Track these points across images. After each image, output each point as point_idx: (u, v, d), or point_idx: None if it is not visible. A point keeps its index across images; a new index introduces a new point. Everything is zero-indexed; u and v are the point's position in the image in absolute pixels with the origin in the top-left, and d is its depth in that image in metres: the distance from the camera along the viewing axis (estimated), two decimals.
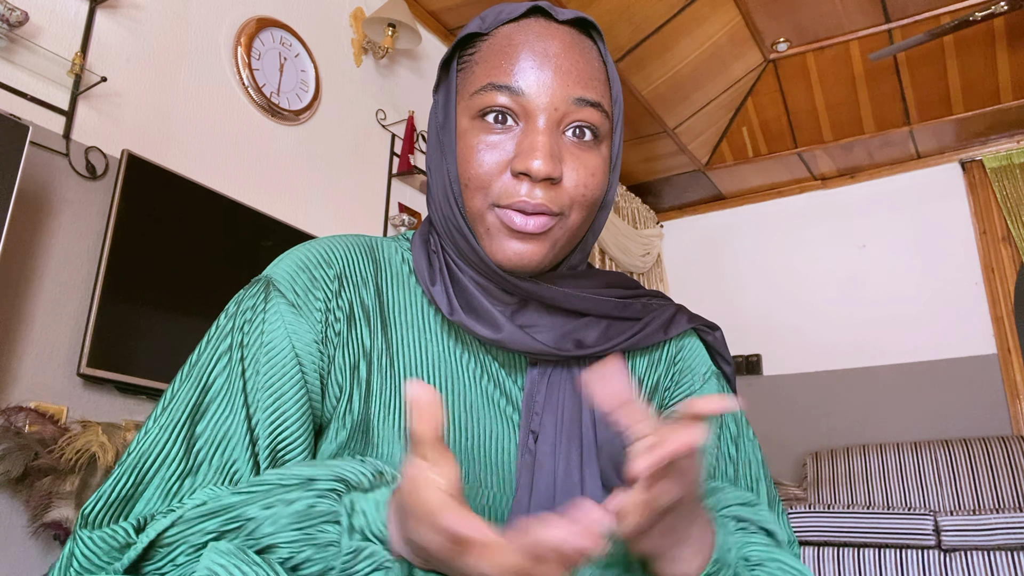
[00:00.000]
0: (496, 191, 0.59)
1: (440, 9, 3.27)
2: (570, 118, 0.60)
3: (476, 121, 0.61)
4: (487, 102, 0.60)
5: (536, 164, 0.57)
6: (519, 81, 0.59)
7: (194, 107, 2.33)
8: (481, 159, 0.59)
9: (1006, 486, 3.34)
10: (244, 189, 2.42)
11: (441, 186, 0.63)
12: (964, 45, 3.60)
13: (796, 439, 4.27)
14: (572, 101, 0.60)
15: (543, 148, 0.58)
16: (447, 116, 0.63)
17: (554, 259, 0.62)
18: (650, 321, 0.67)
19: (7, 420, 1.65)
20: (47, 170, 1.92)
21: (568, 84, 0.60)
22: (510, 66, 0.60)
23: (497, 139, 0.60)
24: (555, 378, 0.64)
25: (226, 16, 2.49)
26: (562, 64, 0.60)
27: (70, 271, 1.93)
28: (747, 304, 4.67)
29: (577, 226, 0.62)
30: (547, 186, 0.59)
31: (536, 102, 0.59)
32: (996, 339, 3.97)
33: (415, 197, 3.18)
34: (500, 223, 0.60)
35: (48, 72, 1.93)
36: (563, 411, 0.62)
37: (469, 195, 0.60)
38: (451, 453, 0.45)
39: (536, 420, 0.62)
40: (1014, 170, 4.12)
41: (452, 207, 0.62)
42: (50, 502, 1.60)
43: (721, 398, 0.45)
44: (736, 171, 4.59)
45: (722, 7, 3.37)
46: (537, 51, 0.60)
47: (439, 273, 0.64)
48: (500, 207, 0.59)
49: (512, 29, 0.62)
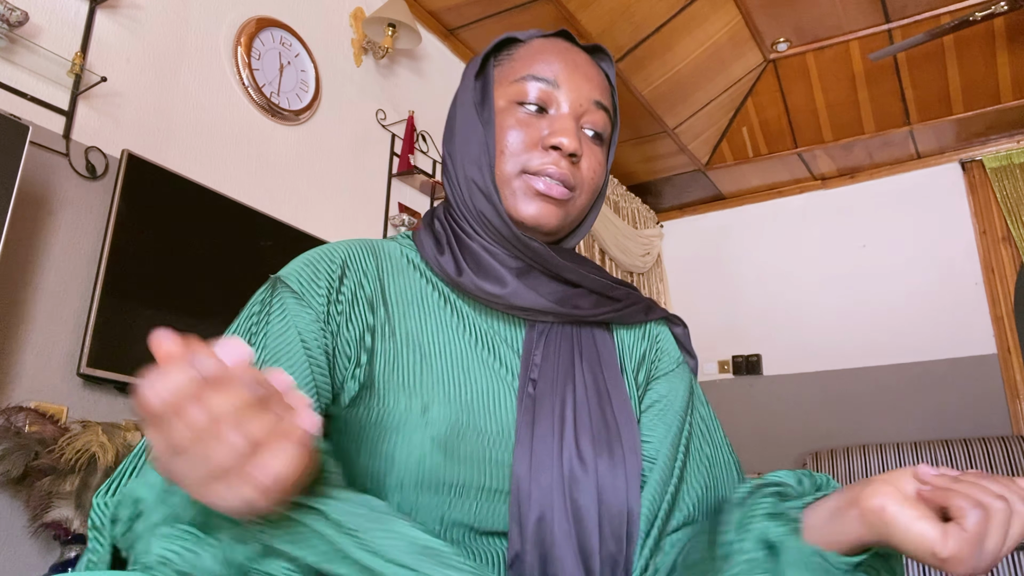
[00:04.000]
0: (526, 160, 0.70)
1: (440, 9, 3.27)
2: (588, 116, 0.73)
3: (514, 104, 0.72)
4: (525, 89, 0.72)
5: (566, 140, 0.69)
6: (556, 76, 0.72)
7: (194, 107, 2.33)
8: (519, 132, 0.71)
9: None
10: (244, 189, 2.42)
11: (472, 155, 0.72)
12: (964, 45, 3.60)
13: (796, 439, 4.27)
14: (592, 102, 0.73)
15: (572, 130, 0.70)
16: (487, 97, 0.74)
17: (563, 229, 0.74)
18: (632, 303, 0.76)
19: (7, 420, 1.65)
20: (47, 170, 1.92)
21: (591, 88, 0.73)
22: (548, 65, 0.73)
23: (531, 120, 0.72)
24: (551, 337, 0.71)
25: (226, 16, 2.49)
26: (587, 72, 0.74)
27: (70, 271, 1.93)
28: (747, 304, 4.67)
29: (582, 207, 0.74)
30: (570, 162, 0.71)
31: (567, 95, 0.72)
32: (996, 339, 3.97)
33: (415, 197, 3.18)
34: (527, 186, 0.70)
35: (48, 72, 1.93)
36: (559, 362, 0.69)
37: (503, 161, 0.71)
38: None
39: (535, 370, 0.68)
40: (1014, 170, 4.12)
41: (483, 171, 0.71)
42: (50, 502, 1.60)
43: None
44: (736, 171, 4.59)
45: (722, 7, 3.37)
46: (568, 59, 0.73)
47: (446, 244, 0.72)
48: (529, 172, 0.70)
49: (546, 41, 0.76)
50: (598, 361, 0.71)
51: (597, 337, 0.73)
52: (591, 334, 0.73)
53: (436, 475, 0.61)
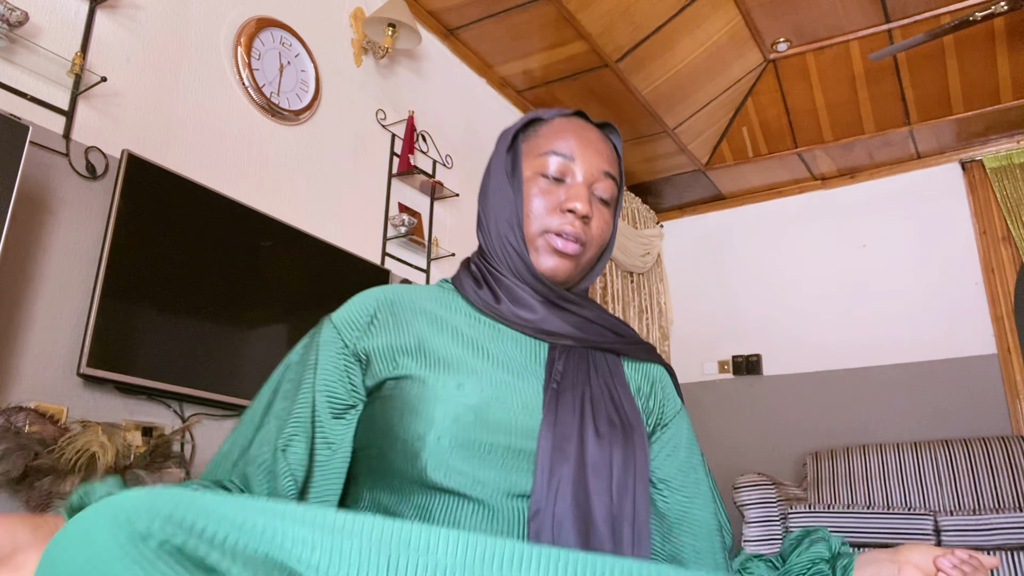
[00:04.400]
0: (548, 221, 0.86)
1: (440, 9, 3.27)
2: (598, 184, 0.88)
3: (538, 175, 0.88)
4: (546, 163, 0.88)
5: (580, 205, 0.85)
6: (570, 152, 0.88)
7: (194, 107, 2.33)
8: (542, 199, 0.87)
9: (1006, 486, 3.34)
10: (244, 189, 2.42)
11: (506, 214, 0.88)
12: (964, 45, 3.60)
13: (796, 439, 4.27)
14: (602, 172, 0.88)
15: (584, 197, 0.86)
16: (516, 167, 0.89)
17: (574, 278, 0.89)
18: (637, 342, 0.92)
19: (7, 420, 1.65)
20: (47, 170, 1.91)
21: (600, 161, 0.89)
22: (565, 142, 0.88)
23: (552, 188, 0.87)
24: (570, 355, 0.86)
25: (226, 16, 2.49)
26: (598, 147, 0.89)
27: (70, 271, 1.93)
28: (747, 304, 4.67)
29: (590, 258, 0.90)
30: (583, 222, 0.86)
31: (581, 167, 0.88)
32: (996, 339, 3.97)
33: (415, 197, 3.18)
34: (547, 244, 0.86)
35: (48, 72, 1.93)
36: (578, 372, 0.84)
37: (529, 222, 0.87)
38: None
39: (558, 374, 0.83)
40: (1014, 170, 4.12)
41: (514, 230, 0.87)
42: (50, 502, 1.60)
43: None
44: (736, 171, 4.59)
45: (722, 7, 3.37)
46: (582, 136, 0.89)
47: (483, 281, 0.89)
48: (550, 232, 0.86)
49: (566, 120, 0.91)
50: (611, 375, 0.86)
51: (609, 359, 0.88)
52: (604, 357, 0.88)
53: (469, 434, 0.74)
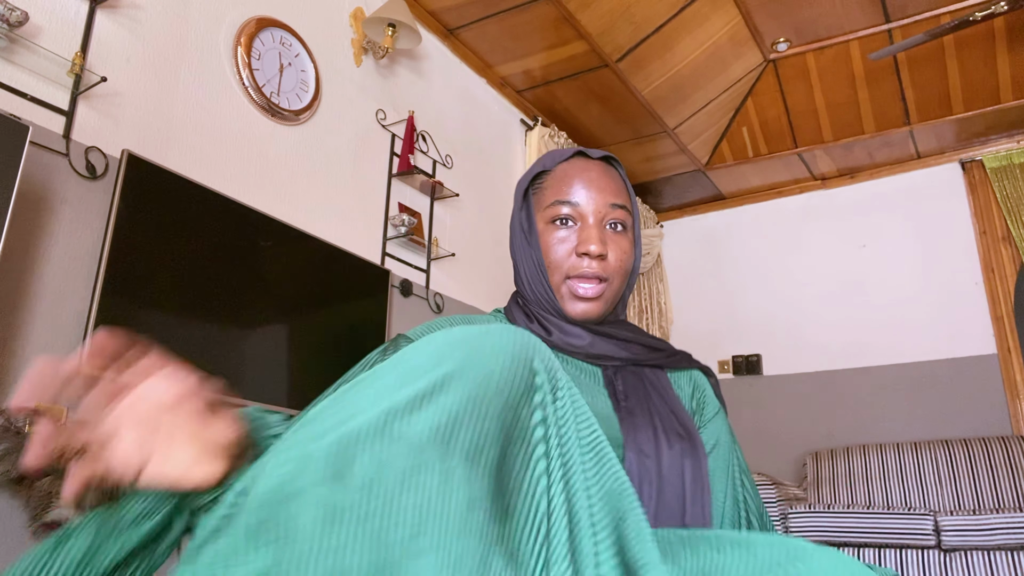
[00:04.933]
0: (567, 268, 0.92)
1: (440, 9, 3.27)
2: (609, 217, 0.93)
3: (550, 225, 0.93)
4: (556, 212, 0.93)
5: (592, 247, 0.90)
6: (575, 197, 0.92)
7: (194, 107, 2.33)
8: (557, 249, 0.92)
9: (1006, 486, 3.34)
10: (244, 189, 2.42)
11: (531, 269, 0.94)
12: (964, 45, 3.60)
13: (796, 439, 4.27)
14: (609, 206, 0.92)
15: (595, 237, 0.90)
16: (531, 223, 0.95)
17: (606, 311, 0.94)
18: (675, 353, 0.97)
19: (7, 420, 1.65)
20: (47, 170, 1.91)
21: (606, 196, 0.93)
22: (568, 188, 0.93)
23: (565, 234, 0.92)
24: (624, 374, 0.91)
25: (226, 16, 2.49)
26: (601, 184, 0.93)
27: (70, 271, 1.93)
28: (747, 304, 4.67)
29: (618, 288, 0.94)
30: (599, 260, 0.91)
31: (587, 209, 0.92)
32: (996, 339, 3.97)
33: (415, 197, 3.18)
34: (570, 292, 0.92)
35: (48, 72, 1.93)
36: (638, 390, 0.89)
37: (551, 272, 0.93)
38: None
39: (621, 392, 0.88)
40: (1014, 170, 4.12)
41: (541, 282, 0.93)
42: (50, 502, 1.60)
43: None
44: (736, 171, 4.59)
45: (722, 7, 3.37)
46: (583, 178, 0.93)
47: (534, 320, 0.95)
48: (570, 278, 0.91)
49: (566, 165, 0.96)
50: (663, 390, 0.91)
51: (658, 375, 0.93)
52: (652, 373, 0.93)
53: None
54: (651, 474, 0.80)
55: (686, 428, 0.86)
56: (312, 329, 2.51)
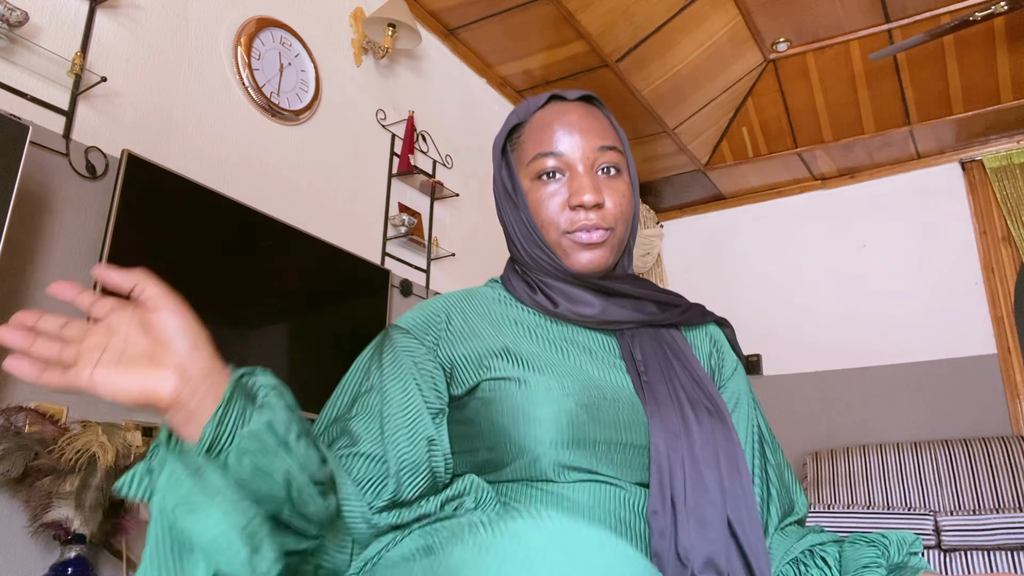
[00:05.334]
0: (563, 224, 0.83)
1: (440, 9, 3.27)
2: (599, 161, 0.83)
3: (536, 181, 0.84)
4: (540, 166, 0.83)
5: (586, 197, 0.81)
6: (558, 146, 0.83)
7: (194, 107, 2.33)
8: (548, 206, 0.83)
9: (1006, 486, 3.34)
10: (244, 189, 2.42)
11: (523, 231, 0.85)
12: (964, 45, 3.60)
13: (796, 439, 4.27)
14: (597, 149, 0.83)
15: (588, 186, 0.81)
16: (515, 183, 0.86)
17: (614, 260, 0.85)
18: (689, 308, 0.88)
19: (7, 420, 1.65)
20: (47, 170, 1.91)
21: (591, 138, 0.83)
22: (549, 137, 0.83)
23: (554, 188, 0.83)
24: (642, 339, 0.84)
25: (226, 16, 2.49)
26: (584, 126, 0.84)
27: (70, 271, 1.93)
28: (747, 304, 4.67)
29: (622, 236, 0.85)
30: (597, 210, 0.82)
31: (573, 157, 0.83)
32: (996, 339, 3.97)
33: (415, 197, 3.18)
34: (572, 243, 0.83)
35: (48, 72, 1.93)
36: (657, 357, 0.82)
37: (546, 231, 0.84)
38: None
39: (640, 362, 0.82)
40: (1014, 170, 4.12)
41: (537, 243, 0.84)
42: (50, 502, 1.60)
43: None
44: (736, 171, 4.59)
45: (722, 7, 3.37)
46: (564, 123, 0.84)
47: (536, 288, 0.86)
48: (569, 233, 0.82)
49: (542, 113, 0.86)
50: (684, 355, 0.84)
51: (675, 336, 0.86)
52: (669, 334, 0.86)
53: (584, 432, 0.73)
54: (682, 456, 0.74)
55: (713, 401, 0.80)
56: (312, 329, 2.51)
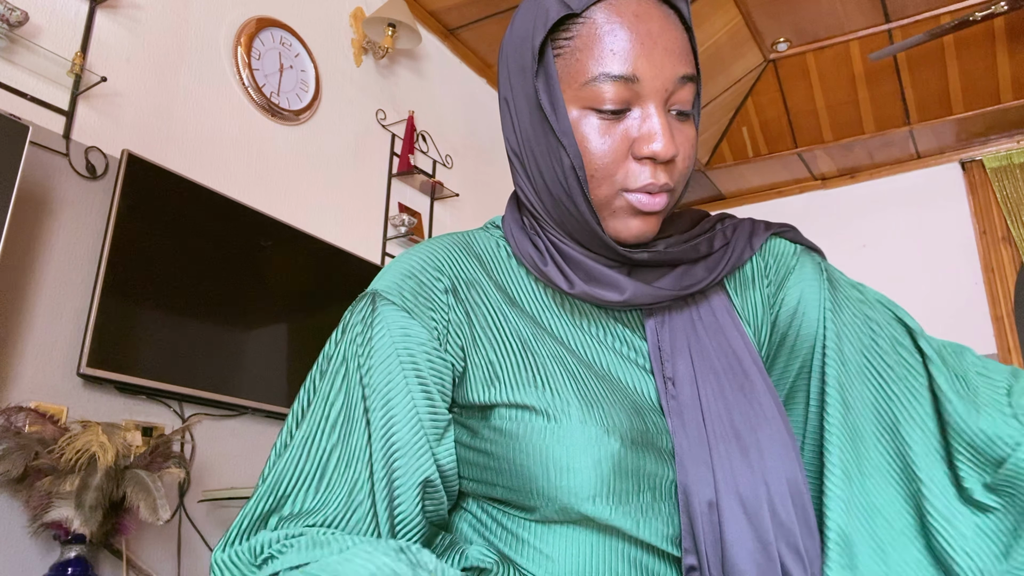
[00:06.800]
0: (622, 177, 0.61)
1: (440, 9, 3.27)
2: (676, 97, 0.61)
3: (590, 112, 0.60)
4: (602, 93, 0.59)
5: (660, 148, 0.59)
6: (633, 69, 0.59)
7: (194, 107, 2.33)
8: (605, 150, 0.60)
9: None
10: (244, 189, 2.42)
11: (557, 173, 0.62)
12: (964, 45, 3.60)
13: None
14: (677, 80, 0.60)
15: (664, 131, 0.59)
16: (554, 101, 0.61)
17: (658, 230, 0.66)
18: (735, 242, 0.69)
19: (7, 420, 1.66)
20: (47, 170, 1.92)
21: (673, 64, 0.60)
22: (620, 53, 0.59)
23: (614, 125, 0.60)
24: (672, 323, 0.66)
25: (226, 16, 2.49)
26: (666, 43, 0.60)
27: (70, 271, 1.93)
28: None
29: (679, 197, 0.65)
30: (666, 167, 0.61)
31: (650, 87, 0.59)
32: (996, 339, 3.97)
33: (415, 197, 3.18)
34: (628, 204, 0.61)
35: (48, 72, 1.93)
36: (690, 351, 0.65)
37: (595, 184, 0.61)
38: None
39: (668, 367, 0.64)
40: (1014, 170, 4.12)
41: (569, 194, 0.62)
42: (50, 502, 1.60)
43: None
44: (736, 171, 4.59)
45: (722, 7, 3.37)
46: (642, 33, 0.59)
47: (547, 254, 0.65)
48: (628, 192, 0.61)
49: (608, 10, 0.60)
50: (723, 334, 0.66)
51: (715, 305, 0.68)
52: (708, 306, 0.68)
53: (625, 484, 0.58)
54: (715, 496, 0.58)
55: (763, 414, 0.61)
56: (312, 329, 2.51)
